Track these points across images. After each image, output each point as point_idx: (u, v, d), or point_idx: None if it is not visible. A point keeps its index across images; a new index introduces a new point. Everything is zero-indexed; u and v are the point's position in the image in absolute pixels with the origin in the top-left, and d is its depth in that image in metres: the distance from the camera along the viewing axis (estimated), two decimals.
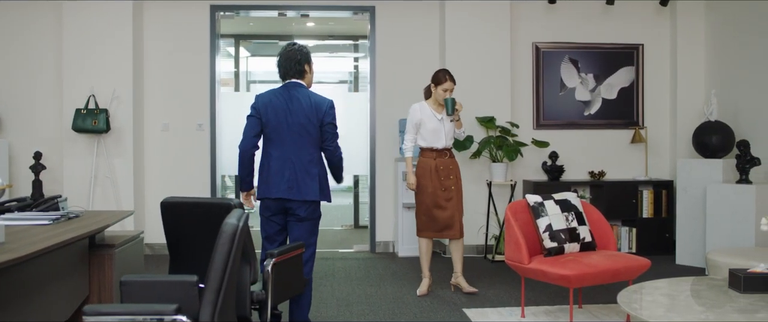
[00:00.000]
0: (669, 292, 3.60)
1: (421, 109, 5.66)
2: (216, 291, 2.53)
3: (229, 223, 2.59)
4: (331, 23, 9.58)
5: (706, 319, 3.11)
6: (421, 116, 5.62)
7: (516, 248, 4.65)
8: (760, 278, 3.50)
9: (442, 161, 5.61)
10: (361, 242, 8.15)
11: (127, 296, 2.91)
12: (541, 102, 7.74)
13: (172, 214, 3.63)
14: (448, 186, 5.57)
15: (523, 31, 7.73)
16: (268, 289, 3.60)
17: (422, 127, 5.61)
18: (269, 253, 3.70)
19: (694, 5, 7.70)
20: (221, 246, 2.54)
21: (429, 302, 5.37)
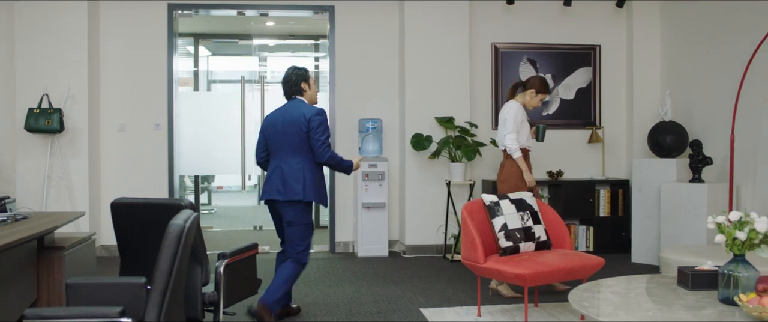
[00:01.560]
0: (620, 290, 3.65)
1: (520, 108, 5.58)
2: (161, 293, 2.49)
3: (175, 224, 2.56)
4: (292, 22, 9.54)
5: (654, 316, 3.15)
6: (523, 116, 5.58)
7: (472, 247, 4.67)
8: (707, 275, 3.55)
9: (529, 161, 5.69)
10: (321, 243, 8.13)
11: (74, 299, 2.86)
12: (500, 102, 7.78)
13: (122, 215, 3.58)
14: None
15: (481, 31, 7.77)
16: (220, 290, 3.57)
17: (522, 127, 5.55)
18: (221, 254, 3.67)
19: (650, 7, 7.82)
20: (167, 247, 2.51)
21: (386, 302, 5.37)
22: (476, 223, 4.76)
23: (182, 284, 2.74)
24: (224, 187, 14.62)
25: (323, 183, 4.80)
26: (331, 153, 4.70)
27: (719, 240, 3.35)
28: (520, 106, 5.54)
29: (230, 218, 11.23)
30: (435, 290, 5.74)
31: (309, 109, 4.73)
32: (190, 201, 3.54)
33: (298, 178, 4.65)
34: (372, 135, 7.48)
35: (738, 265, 3.28)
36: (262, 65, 11.20)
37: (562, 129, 7.91)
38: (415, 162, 7.46)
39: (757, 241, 3.24)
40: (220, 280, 3.58)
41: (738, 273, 3.26)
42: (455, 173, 7.24)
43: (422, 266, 6.81)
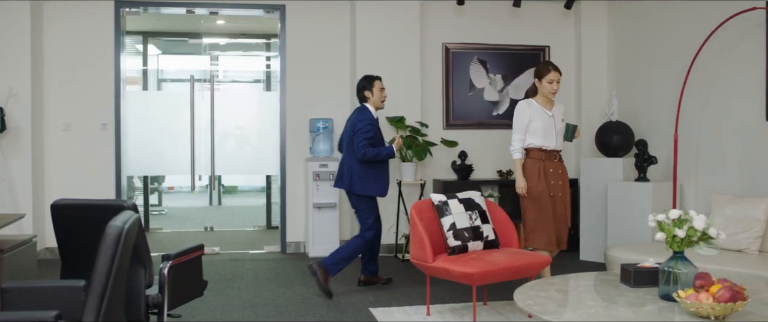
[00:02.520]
0: (564, 288, 3.69)
1: (529, 106, 5.20)
2: (99, 295, 2.44)
3: (114, 225, 2.51)
4: (243, 21, 9.46)
5: (596, 313, 3.20)
6: (529, 114, 5.16)
7: (420, 246, 4.69)
8: (648, 272, 3.62)
9: (552, 163, 5.17)
10: (272, 243, 8.07)
11: (10, 304, 2.78)
12: (451, 102, 7.83)
13: (63, 216, 3.50)
14: (556, 192, 5.15)
15: (432, 31, 7.81)
16: (164, 292, 3.51)
17: (531, 125, 5.15)
18: (165, 255, 3.61)
19: (597, 8, 7.95)
20: (105, 249, 2.46)
21: (336, 302, 5.36)
22: (425, 222, 4.78)
23: (122, 286, 2.69)
24: (176, 187, 14.44)
25: (375, 177, 5.66)
26: (368, 152, 5.52)
27: (660, 238, 3.43)
28: (526, 105, 5.20)
29: (181, 219, 11.09)
30: (385, 290, 5.75)
31: (358, 115, 5.72)
32: (133, 202, 3.48)
33: (348, 173, 5.69)
34: (323, 135, 7.46)
35: (677, 262, 3.35)
36: (213, 64, 11.10)
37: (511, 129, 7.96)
38: None
39: (696, 238, 3.32)
40: (165, 282, 3.52)
41: (677, 270, 3.33)
42: (406, 172, 7.26)
43: None
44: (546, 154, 5.13)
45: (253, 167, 8.35)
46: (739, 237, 5.02)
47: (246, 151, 8.20)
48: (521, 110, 5.20)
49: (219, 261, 7.18)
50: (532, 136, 5.14)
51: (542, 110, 5.18)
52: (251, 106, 8.30)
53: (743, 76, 5.84)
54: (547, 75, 5.17)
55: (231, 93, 11.62)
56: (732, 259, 4.72)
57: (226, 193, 14.23)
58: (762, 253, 4.95)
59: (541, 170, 5.09)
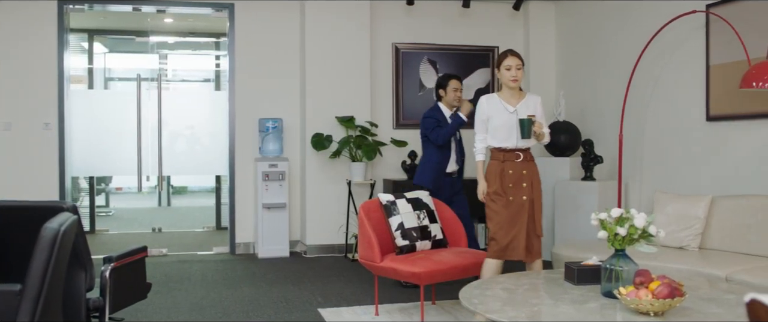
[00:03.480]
0: (509, 286, 3.72)
1: (488, 101, 4.62)
2: (34, 300, 2.38)
3: (49, 228, 2.45)
4: (191, 20, 9.33)
5: (539, 311, 3.23)
6: (488, 110, 4.59)
7: (368, 246, 4.69)
8: (591, 270, 3.67)
9: (512, 164, 4.54)
10: (221, 244, 7.99)
11: None
12: (401, 102, 7.85)
13: None
14: (517, 196, 4.51)
15: (382, 31, 7.82)
16: (106, 295, 3.44)
17: (490, 123, 4.57)
18: (107, 257, 3.54)
19: (545, 10, 8.05)
20: (40, 252, 2.40)
21: (284, 302, 5.32)
22: (373, 222, 4.78)
23: (59, 289, 2.63)
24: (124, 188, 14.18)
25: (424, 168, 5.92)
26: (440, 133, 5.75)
27: (602, 236, 3.48)
28: (485, 100, 4.63)
29: (128, 220, 10.90)
30: (334, 290, 5.73)
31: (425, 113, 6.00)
32: (72, 204, 3.39)
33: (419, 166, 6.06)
34: (272, 135, 7.41)
35: (619, 259, 3.41)
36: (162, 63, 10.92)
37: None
38: (315, 162, 7.43)
39: (637, 236, 3.38)
40: (106, 285, 3.45)
41: (619, 267, 3.38)
42: (356, 172, 7.25)
43: (323, 266, 6.79)
44: (505, 154, 4.53)
45: (202, 167, 8.26)
46: (681, 235, 5.13)
47: (195, 152, 8.10)
48: (479, 107, 4.65)
49: (166, 263, 7.08)
50: (492, 136, 4.58)
51: (503, 106, 4.56)
52: (200, 105, 8.20)
53: (685, 78, 5.97)
54: (505, 61, 4.57)
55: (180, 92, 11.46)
56: (673, 256, 4.82)
57: (175, 194, 14.04)
58: (702, 250, 5.07)
59: (499, 173, 4.52)
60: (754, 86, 4.60)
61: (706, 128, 5.74)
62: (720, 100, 5.56)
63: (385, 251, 4.75)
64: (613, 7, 6.96)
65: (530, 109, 4.59)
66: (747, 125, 5.34)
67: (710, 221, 5.11)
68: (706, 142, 5.75)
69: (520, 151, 4.56)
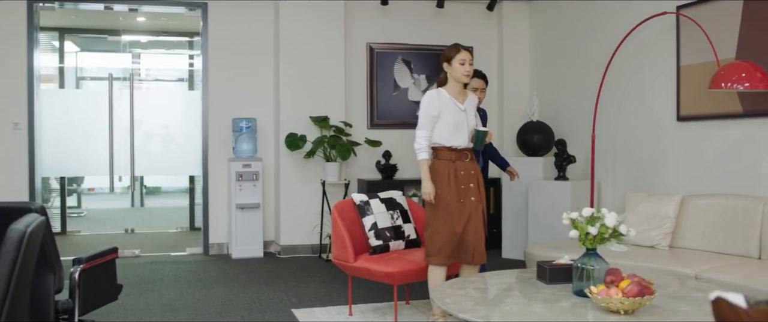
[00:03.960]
0: (481, 286, 3.74)
1: (439, 97, 4.36)
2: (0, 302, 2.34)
3: (15, 229, 2.41)
4: (164, 19, 9.26)
5: (511, 310, 3.25)
6: (439, 107, 4.33)
7: (342, 246, 4.68)
8: (563, 269, 3.70)
9: (463, 164, 4.38)
10: (195, 245, 7.93)
11: None
12: (375, 102, 7.85)
13: None
14: (467, 197, 4.36)
15: (357, 31, 7.81)
16: (75, 297, 3.40)
17: (440, 120, 4.33)
18: (76, 259, 3.50)
19: (519, 10, 8.09)
20: (5, 254, 2.36)
21: (258, 303, 5.30)
22: (346, 222, 4.77)
23: (26, 292, 2.59)
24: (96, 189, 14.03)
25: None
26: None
27: (573, 235, 3.50)
28: (436, 95, 4.37)
29: (101, 221, 10.80)
30: (308, 290, 5.71)
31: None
32: (41, 205, 3.35)
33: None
34: (246, 135, 7.37)
35: (590, 258, 3.43)
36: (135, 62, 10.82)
37: None
38: (289, 162, 7.40)
39: (607, 235, 3.40)
40: (76, 286, 3.42)
41: (590, 266, 3.41)
42: (330, 172, 7.24)
43: (297, 267, 6.77)
44: (456, 154, 4.35)
45: (175, 167, 8.19)
46: (652, 234, 5.18)
47: (168, 152, 8.04)
48: (429, 102, 4.34)
49: (139, 264, 7.01)
50: (440, 133, 4.33)
51: (454, 103, 4.36)
52: (173, 105, 8.14)
53: (656, 78, 6.03)
54: (458, 55, 4.34)
55: (153, 92, 11.38)
56: (644, 255, 4.86)
57: (149, 194, 13.92)
58: (672, 248, 5.12)
59: (451, 174, 4.32)
60: (723, 87, 4.66)
61: (677, 128, 5.80)
62: (690, 101, 5.63)
63: (358, 251, 4.74)
64: (585, 8, 7.01)
65: (472, 108, 4.49)
66: (716, 125, 5.41)
67: (681, 220, 5.16)
68: (676, 142, 5.81)
69: (467, 150, 4.41)
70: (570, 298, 3.42)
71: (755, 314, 1.59)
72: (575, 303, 3.32)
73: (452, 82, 4.41)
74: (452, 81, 4.41)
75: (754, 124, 5.07)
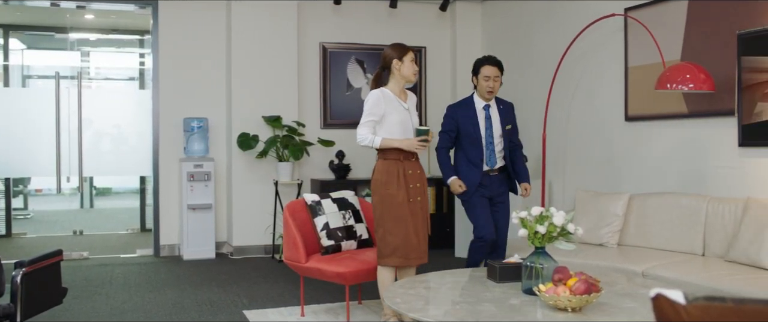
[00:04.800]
0: (433, 285, 3.75)
1: (384, 97, 4.32)
2: None
3: None
4: (114, 16, 9.10)
5: (461, 309, 3.26)
6: (384, 107, 4.30)
7: (293, 247, 4.65)
8: (513, 268, 3.73)
9: (410, 164, 4.37)
10: (145, 247, 7.81)
11: None
12: (328, 101, 7.83)
13: None
14: (415, 196, 4.36)
15: (310, 31, 7.77)
16: (17, 301, 3.32)
17: (386, 120, 4.30)
18: (18, 262, 3.42)
19: (472, 10, 8.14)
20: None
21: (209, 305, 5.24)
22: (298, 223, 4.74)
23: None
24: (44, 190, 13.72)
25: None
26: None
27: (522, 234, 3.54)
28: (381, 95, 4.33)
29: (48, 223, 10.56)
30: (260, 291, 5.67)
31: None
32: None
33: None
34: (197, 134, 7.28)
35: (539, 257, 3.47)
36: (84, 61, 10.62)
37: None
38: (242, 162, 7.34)
39: (556, 234, 3.44)
40: (18, 290, 3.33)
41: (539, 265, 3.44)
42: (283, 172, 7.19)
43: (249, 267, 6.71)
44: (404, 153, 4.31)
45: (125, 167, 8.06)
46: (601, 232, 5.26)
47: (118, 152, 7.90)
48: (376, 100, 4.29)
49: (87, 266, 6.88)
50: (389, 133, 4.30)
51: (398, 102, 4.35)
52: (124, 104, 8.00)
53: (605, 79, 6.13)
54: (409, 53, 4.39)
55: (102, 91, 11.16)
56: (594, 252, 4.93)
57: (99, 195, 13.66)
58: (621, 246, 5.20)
59: (401, 173, 4.30)
60: (668, 88, 4.75)
61: (625, 128, 5.90)
62: (638, 101, 5.73)
63: (310, 251, 4.72)
64: (537, 8, 7.09)
65: (413, 107, 4.50)
66: (663, 125, 5.52)
67: (628, 218, 5.25)
68: (625, 141, 5.91)
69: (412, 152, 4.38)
70: (519, 296, 3.45)
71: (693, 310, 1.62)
72: (524, 302, 3.35)
73: (397, 80, 4.40)
74: (397, 79, 4.39)
75: (698, 124, 5.18)
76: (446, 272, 4.11)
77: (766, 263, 4.10)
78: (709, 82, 4.72)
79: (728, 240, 4.54)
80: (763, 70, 4.56)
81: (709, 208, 4.76)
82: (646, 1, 5.61)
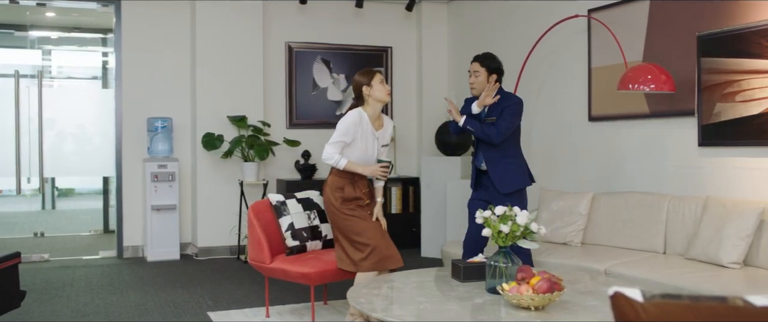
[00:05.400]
0: (397, 285, 3.75)
1: (361, 122, 4.30)
2: None
3: None
4: (75, 14, 8.95)
5: (425, 309, 3.27)
6: (356, 132, 4.30)
7: (258, 247, 4.62)
8: (477, 267, 3.75)
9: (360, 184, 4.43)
10: (108, 248, 7.70)
11: None
12: (294, 101, 7.79)
13: None
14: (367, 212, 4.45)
15: (275, 30, 7.73)
16: None
17: (352, 146, 4.30)
18: None
19: (437, 10, 8.17)
20: None
21: (173, 307, 5.18)
22: (263, 223, 4.71)
23: None
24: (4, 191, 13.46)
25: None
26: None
27: (486, 233, 3.55)
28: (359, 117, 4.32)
29: (8, 225, 10.36)
30: (225, 293, 5.62)
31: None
32: None
33: None
34: (161, 134, 7.20)
35: (502, 256, 3.48)
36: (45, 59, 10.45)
37: None
38: (207, 162, 7.27)
39: (519, 233, 3.47)
40: None
41: (502, 264, 3.46)
42: (248, 172, 7.15)
43: (214, 269, 6.66)
44: (356, 176, 4.38)
45: (87, 168, 7.93)
46: (565, 231, 5.31)
47: (80, 152, 7.77)
48: (350, 125, 4.28)
49: (48, 269, 6.76)
50: (347, 156, 4.32)
51: (371, 129, 4.35)
52: (86, 103, 7.86)
53: (569, 79, 6.19)
54: (376, 75, 4.37)
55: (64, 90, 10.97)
56: (558, 251, 4.98)
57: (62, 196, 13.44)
58: (584, 245, 5.26)
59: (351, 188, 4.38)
60: (630, 88, 4.81)
61: (589, 128, 5.96)
62: (601, 101, 5.79)
63: (275, 251, 4.69)
64: (502, 9, 7.13)
65: (388, 137, 4.51)
66: (625, 125, 5.59)
67: (592, 216, 5.31)
68: (588, 141, 5.98)
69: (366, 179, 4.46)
70: (483, 295, 3.47)
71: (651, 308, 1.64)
72: (488, 301, 3.37)
73: (372, 104, 4.38)
74: (372, 103, 4.38)
75: (659, 124, 5.26)
76: (412, 272, 4.11)
77: (724, 261, 4.17)
78: (670, 83, 4.79)
79: (688, 238, 4.61)
80: (722, 71, 4.64)
81: (669, 207, 4.83)
82: (609, 2, 5.67)
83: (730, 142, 4.66)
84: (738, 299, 1.61)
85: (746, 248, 4.17)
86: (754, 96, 4.45)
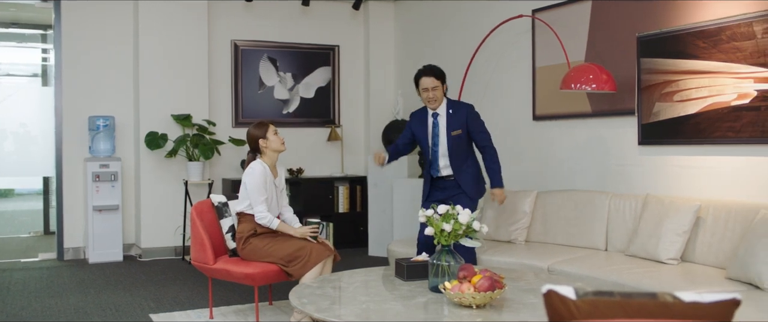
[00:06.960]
0: (341, 285, 3.73)
1: (264, 172, 4.44)
2: None
3: None
4: (13, 9, 8.71)
5: (368, 308, 3.26)
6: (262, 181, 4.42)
7: (201, 248, 4.55)
8: (421, 266, 3.75)
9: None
10: (48, 250, 7.51)
11: None
12: (240, 100, 7.71)
13: None
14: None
15: (221, 28, 7.63)
16: None
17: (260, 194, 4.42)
18: None
19: (385, 10, 8.17)
20: None
21: (114, 309, 5.07)
22: (206, 223, 4.65)
23: None
24: None
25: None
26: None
27: (429, 232, 3.56)
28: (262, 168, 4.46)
29: None
30: (168, 294, 5.53)
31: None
32: None
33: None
34: (103, 133, 7.04)
35: (445, 255, 3.50)
36: None
37: (302, 127, 8.01)
38: (151, 161, 7.14)
39: (461, 232, 3.48)
40: None
41: (445, 263, 3.47)
42: (193, 172, 7.05)
43: (158, 270, 6.54)
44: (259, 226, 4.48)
45: (26, 168, 7.75)
46: (510, 229, 5.35)
47: (19, 151, 7.59)
48: (259, 177, 4.39)
49: None
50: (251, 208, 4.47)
51: (272, 178, 4.53)
52: (25, 101, 7.69)
53: (514, 79, 6.24)
54: (269, 129, 4.51)
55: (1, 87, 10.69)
56: (502, 249, 5.01)
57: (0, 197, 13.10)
58: (528, 243, 5.31)
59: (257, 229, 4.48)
60: (572, 88, 4.87)
61: (533, 127, 6.03)
62: (545, 101, 5.86)
63: (219, 252, 4.63)
64: (448, 8, 7.17)
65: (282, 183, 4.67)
66: (568, 124, 5.66)
67: (536, 214, 5.37)
68: (532, 140, 6.04)
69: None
70: (426, 294, 3.47)
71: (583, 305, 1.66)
72: (430, 299, 3.38)
73: (269, 155, 4.53)
74: (269, 154, 4.53)
75: (601, 123, 5.34)
76: (357, 271, 4.11)
77: (662, 257, 4.26)
78: (611, 83, 4.87)
79: (629, 235, 4.69)
80: (660, 71, 4.74)
81: (611, 204, 4.91)
82: (552, 3, 5.74)
83: (668, 141, 4.76)
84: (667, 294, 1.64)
85: (683, 244, 4.26)
86: (690, 96, 4.55)
